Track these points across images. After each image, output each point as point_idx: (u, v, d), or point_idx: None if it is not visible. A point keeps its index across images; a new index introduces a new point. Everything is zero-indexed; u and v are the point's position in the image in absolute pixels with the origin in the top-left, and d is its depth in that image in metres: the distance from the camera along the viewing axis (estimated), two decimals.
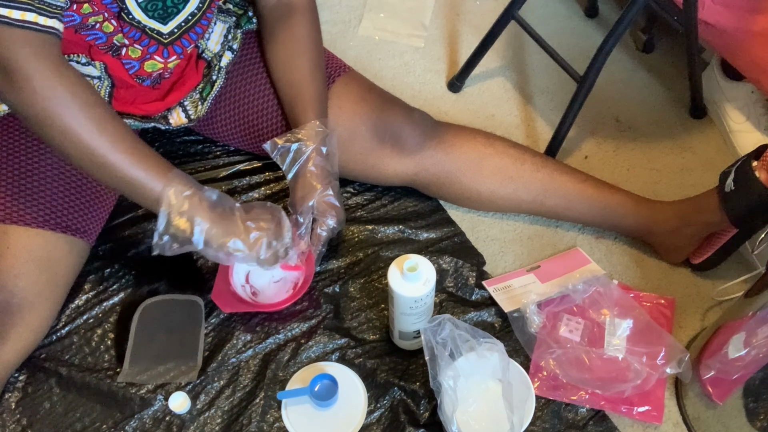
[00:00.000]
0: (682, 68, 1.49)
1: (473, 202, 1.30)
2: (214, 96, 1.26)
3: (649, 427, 1.11)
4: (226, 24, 1.23)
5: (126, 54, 1.10)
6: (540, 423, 1.10)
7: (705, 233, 1.19)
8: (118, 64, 1.12)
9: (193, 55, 1.21)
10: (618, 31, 1.23)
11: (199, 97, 1.25)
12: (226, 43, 1.24)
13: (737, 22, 1.26)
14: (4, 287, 1.06)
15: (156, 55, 1.12)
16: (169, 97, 1.21)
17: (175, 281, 1.22)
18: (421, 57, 1.60)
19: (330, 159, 1.17)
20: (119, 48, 1.09)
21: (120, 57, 1.11)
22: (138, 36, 1.07)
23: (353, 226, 1.30)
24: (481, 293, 1.23)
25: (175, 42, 1.12)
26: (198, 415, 1.11)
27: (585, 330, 1.16)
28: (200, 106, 1.25)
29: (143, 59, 1.12)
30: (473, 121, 1.49)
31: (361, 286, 1.23)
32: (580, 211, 1.27)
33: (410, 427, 1.10)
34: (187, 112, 1.25)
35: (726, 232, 1.16)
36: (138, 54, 1.11)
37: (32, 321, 1.09)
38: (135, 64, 1.12)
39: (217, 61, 1.24)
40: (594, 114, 1.49)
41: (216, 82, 1.25)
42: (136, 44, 1.08)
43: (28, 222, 1.09)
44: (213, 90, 1.26)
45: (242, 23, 1.28)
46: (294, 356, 1.16)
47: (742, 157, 1.10)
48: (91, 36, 1.05)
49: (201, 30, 1.14)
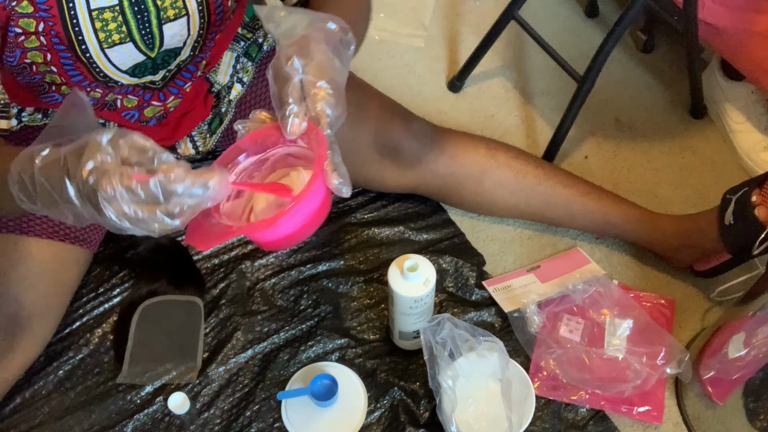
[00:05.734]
0: (682, 68, 1.49)
1: (474, 210, 1.31)
2: (223, 130, 1.24)
3: (649, 427, 1.11)
4: (234, 53, 1.19)
5: (122, 106, 1.09)
6: (540, 423, 1.10)
7: (707, 253, 1.18)
8: (117, 116, 1.11)
9: (202, 89, 1.18)
10: (618, 31, 1.23)
11: (207, 130, 1.23)
12: (235, 74, 1.20)
13: (737, 22, 1.26)
14: (15, 299, 1.05)
15: (153, 101, 1.11)
16: (177, 133, 1.19)
17: (174, 282, 1.22)
18: (421, 57, 1.60)
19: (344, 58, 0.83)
20: (113, 102, 1.08)
21: (117, 110, 1.10)
22: (130, 89, 1.06)
23: (353, 227, 1.30)
24: (481, 293, 1.23)
25: (169, 84, 1.10)
26: (197, 416, 1.11)
27: (585, 330, 1.16)
28: (209, 139, 1.24)
29: (141, 107, 1.11)
30: (473, 121, 1.49)
31: (361, 286, 1.23)
32: (582, 223, 1.26)
33: (410, 427, 1.10)
34: (196, 144, 1.23)
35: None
36: (134, 103, 1.10)
37: (39, 332, 1.09)
38: (134, 113, 1.12)
39: (226, 93, 1.20)
40: (594, 114, 1.49)
41: (225, 115, 1.22)
42: (129, 95, 1.07)
43: (38, 233, 1.09)
44: (223, 124, 1.23)
45: (252, 53, 1.21)
46: (294, 356, 1.16)
47: (744, 185, 1.08)
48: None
49: (195, 68, 1.11)
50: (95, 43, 0.94)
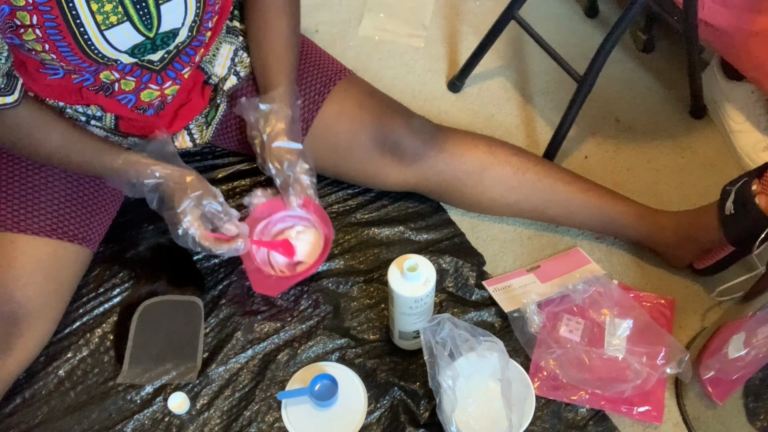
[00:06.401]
0: (682, 68, 1.49)
1: (474, 209, 1.30)
2: (218, 121, 1.25)
3: (649, 427, 1.11)
4: (232, 45, 1.21)
5: (119, 89, 1.09)
6: (540, 423, 1.10)
7: (707, 247, 1.18)
8: (114, 102, 1.11)
9: (199, 80, 1.19)
10: (618, 31, 1.23)
11: (204, 122, 1.24)
12: (233, 67, 1.22)
13: (737, 22, 1.26)
14: (12, 298, 1.05)
15: (150, 84, 1.11)
16: (175, 124, 1.20)
17: (175, 282, 1.22)
18: (421, 57, 1.60)
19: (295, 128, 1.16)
20: (110, 85, 1.08)
21: (113, 95, 1.10)
22: (129, 68, 1.06)
23: (354, 227, 1.30)
24: (481, 293, 1.23)
25: (167, 67, 1.10)
26: (197, 416, 1.11)
27: (585, 330, 1.16)
28: (205, 131, 1.25)
29: (138, 90, 1.11)
30: (473, 121, 1.49)
31: (361, 286, 1.23)
32: (582, 221, 1.26)
33: (410, 427, 1.10)
34: (193, 137, 1.24)
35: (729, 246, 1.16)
36: (131, 86, 1.09)
37: (37, 331, 1.09)
38: (131, 97, 1.11)
39: (222, 85, 1.22)
40: (594, 114, 1.49)
41: (220, 106, 1.24)
42: (127, 76, 1.07)
43: (36, 231, 1.09)
44: (217, 115, 1.24)
45: None
46: (294, 356, 1.16)
47: (744, 176, 1.09)
48: (78, 79, 1.05)
49: (193, 51, 1.12)
50: (93, 26, 0.95)
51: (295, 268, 1.17)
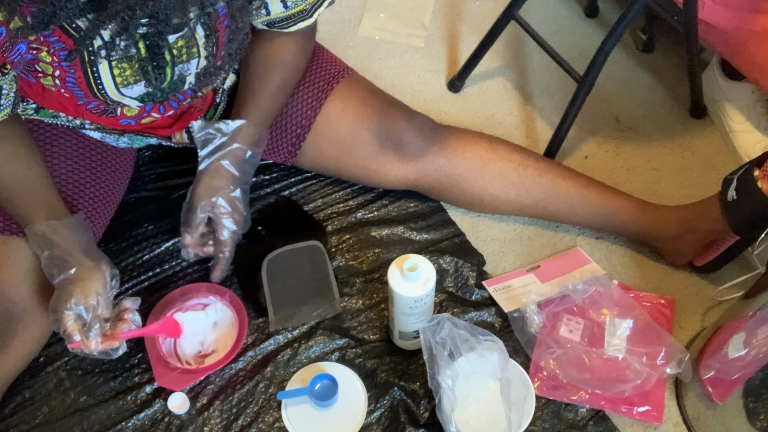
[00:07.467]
0: (682, 68, 1.49)
1: (475, 206, 1.30)
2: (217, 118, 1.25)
3: (649, 427, 1.11)
4: None
5: (122, 114, 1.11)
6: (540, 423, 1.10)
7: (708, 239, 1.18)
8: (115, 122, 1.13)
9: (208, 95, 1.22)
10: (618, 31, 1.23)
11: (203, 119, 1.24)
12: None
13: (737, 22, 1.26)
14: (6, 296, 1.05)
15: (153, 113, 1.13)
16: (176, 126, 1.21)
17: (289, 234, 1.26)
18: (421, 57, 1.60)
19: (247, 168, 1.14)
20: (114, 110, 1.10)
21: (116, 117, 1.12)
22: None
23: (354, 227, 1.30)
24: (481, 293, 1.23)
25: (170, 98, 1.12)
26: (197, 416, 1.11)
27: (585, 330, 1.16)
28: None
29: (140, 117, 1.13)
30: (473, 121, 1.49)
31: (361, 286, 1.23)
32: (583, 216, 1.26)
33: (410, 427, 1.10)
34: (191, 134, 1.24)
35: (729, 238, 1.16)
36: (134, 113, 1.12)
37: (34, 330, 1.08)
38: (132, 122, 1.14)
39: (222, 84, 1.23)
40: (594, 114, 1.49)
41: (219, 105, 1.24)
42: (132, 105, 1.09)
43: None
44: (216, 113, 1.25)
45: None
46: (294, 356, 1.16)
47: (745, 164, 1.10)
48: (83, 101, 1.07)
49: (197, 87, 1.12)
50: (111, 84, 1.00)
51: (204, 360, 1.12)
